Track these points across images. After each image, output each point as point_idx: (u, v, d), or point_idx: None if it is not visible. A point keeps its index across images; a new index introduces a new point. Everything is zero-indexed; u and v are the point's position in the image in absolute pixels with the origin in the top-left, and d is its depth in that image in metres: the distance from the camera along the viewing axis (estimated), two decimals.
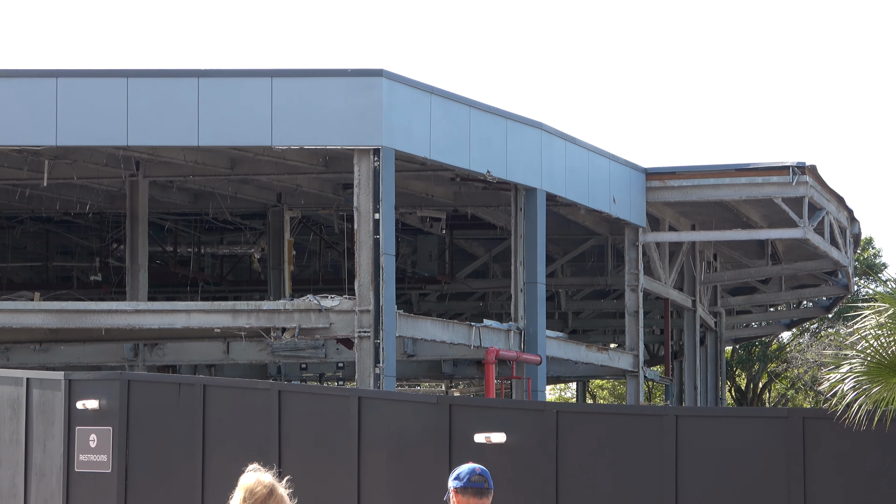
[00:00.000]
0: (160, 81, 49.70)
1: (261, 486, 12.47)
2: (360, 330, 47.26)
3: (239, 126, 48.64)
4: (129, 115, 48.63)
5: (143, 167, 55.92)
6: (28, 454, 31.95)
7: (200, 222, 67.75)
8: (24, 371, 34.48)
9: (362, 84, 48.44)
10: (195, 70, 49.88)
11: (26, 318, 52.34)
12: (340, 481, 26.41)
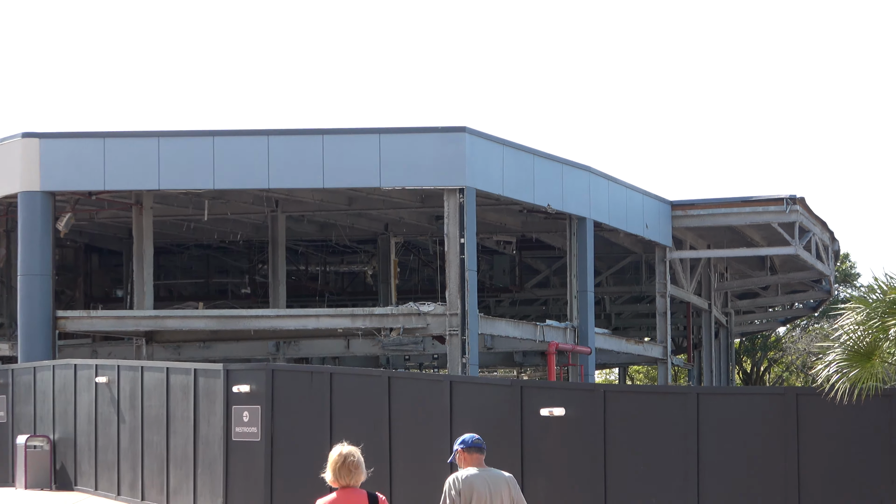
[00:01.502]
0: (293, 138, 50.03)
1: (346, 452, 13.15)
2: (450, 329, 47.46)
3: (355, 172, 48.96)
4: (270, 164, 49.04)
5: (281, 205, 56.36)
6: (196, 427, 32.22)
7: (325, 247, 68.11)
8: (192, 363, 34.81)
9: (450, 138, 48.73)
10: (320, 129, 50.26)
11: (193, 323, 52.81)
12: (436, 447, 26.53)
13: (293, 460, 29.63)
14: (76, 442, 38.55)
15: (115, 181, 50.35)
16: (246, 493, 30.76)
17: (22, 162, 50.81)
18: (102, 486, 36.75)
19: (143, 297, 53.18)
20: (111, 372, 36.73)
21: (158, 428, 33.84)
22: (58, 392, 39.81)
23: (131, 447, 35.17)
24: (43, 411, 40.55)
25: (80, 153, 50.54)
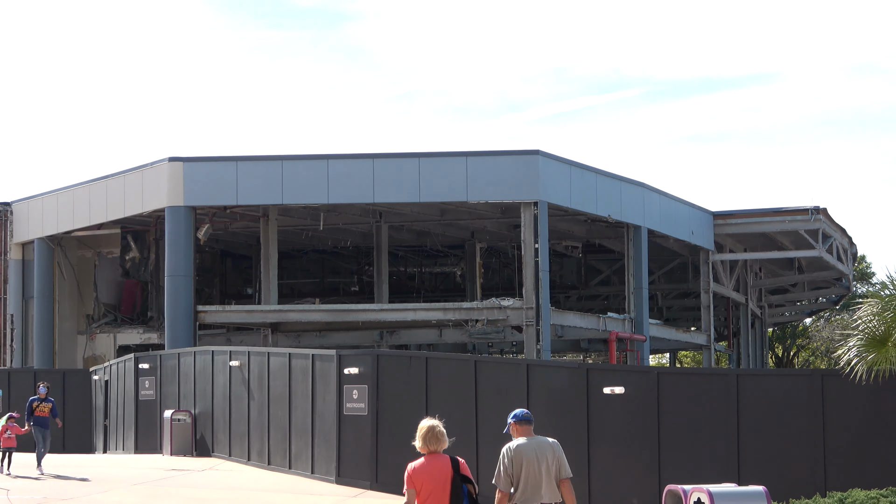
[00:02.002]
0: (394, 160, 50.18)
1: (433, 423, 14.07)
2: (527, 320, 47.33)
3: (446, 188, 48.99)
4: (375, 182, 49.17)
5: (384, 216, 56.48)
6: (313, 403, 32.25)
7: (421, 251, 68.17)
8: (310, 350, 34.84)
9: (526, 160, 48.71)
10: (417, 153, 50.46)
11: (311, 316, 52.99)
12: None
13: (394, 431, 29.59)
14: (213, 416, 38.71)
15: (246, 197, 50.83)
16: (355, 459, 30.74)
17: (168, 181, 51.34)
18: (235, 453, 36.88)
19: (269, 294, 53.47)
20: (242, 357, 36.86)
21: (282, 404, 33.90)
22: (198, 374, 40.01)
23: (259, 420, 35.26)
24: (185, 390, 40.77)
25: (216, 174, 51.03)
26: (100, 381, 48.27)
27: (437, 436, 13.93)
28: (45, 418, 33.69)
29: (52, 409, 33.98)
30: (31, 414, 33.68)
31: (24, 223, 61.51)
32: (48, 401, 33.93)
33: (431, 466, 13.83)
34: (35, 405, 33.76)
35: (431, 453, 13.89)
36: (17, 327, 62.03)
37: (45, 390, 34.02)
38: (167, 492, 29.11)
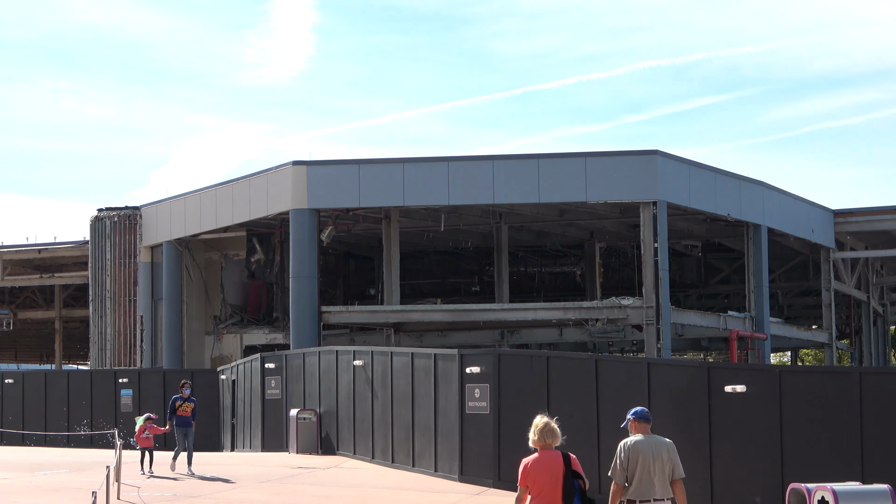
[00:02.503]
0: (514, 161, 50.23)
1: (547, 420, 14.44)
2: (646, 319, 47.06)
3: (565, 189, 48.93)
4: (495, 183, 49.23)
5: (504, 217, 56.50)
6: (436, 402, 32.32)
7: (541, 252, 68.06)
8: (432, 349, 34.94)
9: (644, 160, 48.46)
10: (536, 154, 50.54)
11: (432, 316, 53.21)
12: None
13: (516, 430, 29.54)
14: (338, 414, 38.97)
15: (368, 199, 51.18)
16: (477, 456, 30.76)
17: (292, 185, 51.84)
18: (359, 451, 37.09)
19: (391, 294, 53.72)
20: (366, 356, 37.05)
21: (405, 403, 34.02)
22: (322, 373, 40.30)
23: (383, 419, 35.43)
24: (310, 389, 41.08)
25: (339, 177, 51.43)
26: (227, 381, 48.85)
27: (551, 432, 14.31)
28: (187, 418, 33.44)
29: (195, 409, 33.80)
30: (174, 413, 33.46)
31: (153, 227, 62.48)
32: (191, 400, 33.70)
33: (544, 461, 14.22)
34: (178, 404, 33.51)
35: (545, 449, 14.29)
36: (146, 328, 63.02)
37: (188, 390, 33.81)
38: (293, 489, 29.38)
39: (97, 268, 64.98)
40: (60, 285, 78.17)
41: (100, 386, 52.72)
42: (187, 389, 33.72)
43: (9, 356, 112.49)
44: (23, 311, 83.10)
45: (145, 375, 53.18)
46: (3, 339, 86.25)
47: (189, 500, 27.22)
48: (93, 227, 65.21)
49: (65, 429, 52.11)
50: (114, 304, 64.26)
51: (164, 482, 30.91)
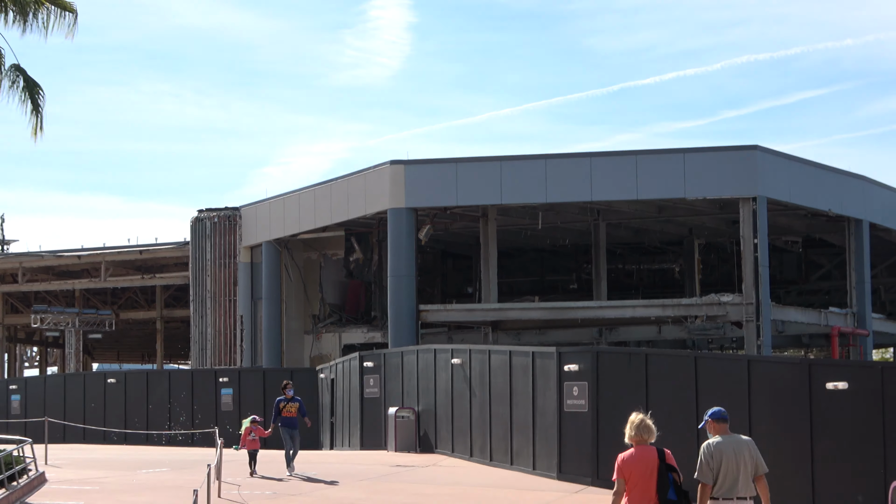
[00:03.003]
0: (611, 158, 50.06)
1: (642, 417, 14.95)
2: (746, 316, 46.66)
3: (663, 185, 48.67)
4: (593, 180, 49.06)
5: (602, 214, 56.31)
6: (534, 400, 32.23)
7: (639, 248, 67.74)
8: (530, 347, 34.88)
9: (743, 155, 48.06)
10: (634, 150, 50.32)
11: (530, 314, 53.20)
12: (737, 413, 25.98)
13: (614, 427, 29.36)
14: (436, 412, 39.02)
15: (466, 198, 51.25)
16: (576, 454, 30.64)
17: (390, 184, 52.04)
18: (458, 450, 37.12)
19: (489, 292, 53.73)
20: (464, 355, 37.07)
21: (503, 401, 33.99)
22: (420, 371, 40.37)
23: (481, 417, 35.42)
24: (409, 387, 41.18)
25: (437, 176, 51.56)
26: (326, 380, 49.13)
27: (646, 428, 14.81)
28: (292, 419, 32.65)
29: (300, 409, 32.96)
30: (279, 414, 32.70)
31: (253, 227, 63.01)
32: (295, 401, 32.88)
33: (640, 456, 14.74)
34: (282, 406, 32.70)
35: (640, 444, 14.81)
36: (246, 328, 63.57)
37: (291, 391, 33.00)
38: (391, 487, 29.47)
39: (198, 268, 65.67)
40: (161, 286, 79.09)
41: (200, 385, 53.25)
42: (290, 390, 33.00)
43: (111, 356, 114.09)
44: (125, 311, 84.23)
45: (245, 375, 53.62)
46: (105, 339, 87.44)
47: (289, 499, 27.41)
48: (193, 228, 65.91)
49: (166, 428, 52.70)
50: (214, 303, 64.90)
51: (265, 481, 31.14)
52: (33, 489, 28.47)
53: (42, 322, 77.79)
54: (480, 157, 52.30)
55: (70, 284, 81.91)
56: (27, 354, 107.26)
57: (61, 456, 39.97)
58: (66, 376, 62.11)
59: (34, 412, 55.88)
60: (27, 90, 33.71)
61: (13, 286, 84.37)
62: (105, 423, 53.92)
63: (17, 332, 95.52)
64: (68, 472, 33.77)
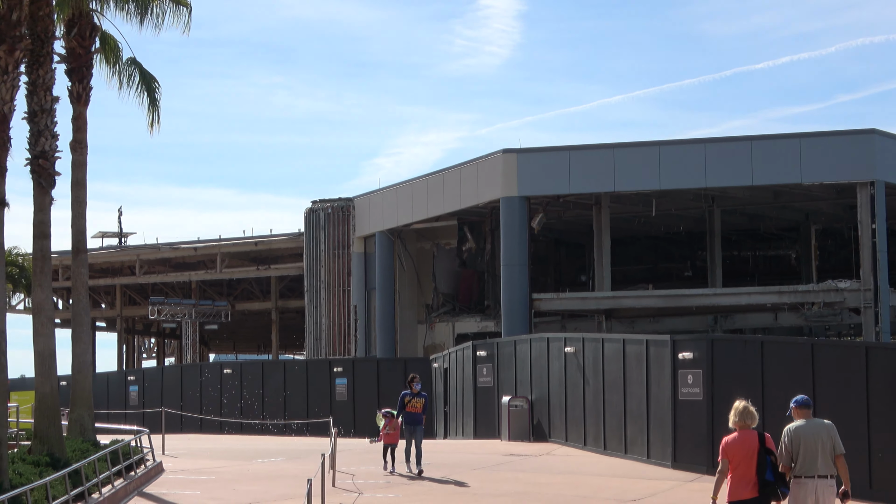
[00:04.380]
0: (725, 144, 49.77)
1: (746, 403, 16.63)
2: (864, 302, 46.03)
3: (778, 171, 48.15)
4: (707, 167, 48.69)
5: (716, 201, 55.78)
6: (648, 389, 32.03)
7: (754, 235, 67.02)
8: (644, 335, 34.70)
9: (860, 139, 47.43)
10: (748, 136, 50.00)
11: (644, 302, 52.95)
12: (854, 401, 25.64)
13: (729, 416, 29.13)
14: (549, 401, 38.95)
15: (579, 186, 51.15)
16: (691, 443, 30.42)
17: (502, 173, 52.10)
18: (571, 439, 37.02)
19: (602, 281, 53.55)
20: (577, 343, 36.96)
21: (616, 390, 33.83)
22: (534, 360, 40.32)
23: (594, 406, 35.29)
24: (522, 376, 41.15)
25: (549, 164, 51.52)
26: (439, 369, 49.27)
27: (749, 414, 16.41)
28: (417, 414, 30.77)
29: (425, 406, 31.15)
30: (403, 409, 30.80)
31: (366, 217, 63.39)
32: (421, 396, 31.07)
33: (742, 440, 16.26)
34: (407, 400, 30.83)
35: (742, 429, 16.34)
36: (360, 318, 63.99)
37: (418, 385, 31.23)
38: (505, 476, 29.49)
39: (312, 259, 66.22)
40: (276, 276, 79.86)
41: (315, 375, 53.65)
42: (417, 384, 31.25)
43: (227, 347, 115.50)
44: (240, 302, 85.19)
45: (359, 364, 53.93)
46: (221, 330, 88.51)
47: (402, 487, 27.54)
48: (307, 219, 66.48)
49: (281, 417, 53.20)
50: (328, 294, 65.42)
51: (379, 471, 31.30)
52: (150, 479, 28.92)
53: (159, 313, 78.99)
54: (593, 144, 52.18)
55: (186, 276, 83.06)
56: (145, 345, 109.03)
57: (178, 446, 40.54)
58: (182, 367, 63.00)
59: (151, 403, 56.75)
60: (144, 84, 34.26)
61: (131, 278, 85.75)
62: (221, 413, 54.59)
63: (135, 323, 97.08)
64: (185, 462, 34.24)
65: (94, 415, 33.43)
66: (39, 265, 28.20)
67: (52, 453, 26.28)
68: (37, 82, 27.87)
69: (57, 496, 20.66)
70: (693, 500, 24.86)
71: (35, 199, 28.33)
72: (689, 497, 25.49)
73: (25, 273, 61.03)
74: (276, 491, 26.73)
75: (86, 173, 32.12)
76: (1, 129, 23.37)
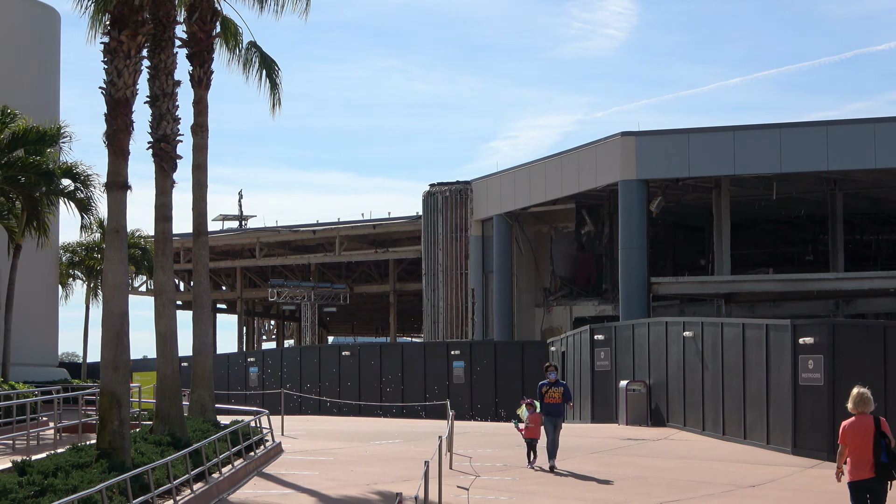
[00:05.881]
0: (848, 126, 49.13)
1: (863, 390, 17.59)
2: None
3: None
4: (829, 149, 48.09)
5: (838, 184, 55.04)
6: (768, 374, 31.69)
7: (878, 218, 65.93)
8: (764, 320, 34.40)
9: None
10: (871, 118, 49.36)
11: (764, 286, 52.46)
12: None
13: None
14: (667, 386, 38.74)
15: (698, 169, 50.82)
16: (811, 429, 30.07)
17: (621, 156, 51.93)
18: (689, 423, 36.78)
19: (721, 264, 53.11)
20: (696, 328, 36.70)
21: (735, 374, 33.53)
22: (652, 345, 40.13)
23: (713, 391, 35.02)
24: (640, 361, 40.97)
25: (668, 147, 51.23)
26: (557, 353, 49.20)
27: (865, 401, 17.39)
28: (556, 405, 28.55)
29: (565, 394, 28.74)
30: (541, 400, 28.66)
31: (483, 201, 63.46)
32: (559, 385, 28.76)
33: (859, 424, 17.29)
34: (544, 390, 28.58)
35: (859, 414, 17.37)
36: (477, 301, 64.12)
37: (554, 375, 28.85)
38: (622, 461, 29.39)
39: (429, 242, 66.46)
40: (394, 259, 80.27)
41: (432, 358, 53.88)
42: (553, 373, 28.93)
43: (346, 329, 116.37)
44: (358, 285, 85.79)
45: (477, 347, 54.02)
46: (340, 312, 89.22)
47: (519, 471, 27.57)
48: (425, 202, 66.72)
49: (399, 400, 53.50)
50: (446, 277, 65.63)
51: (495, 453, 31.34)
52: (270, 459, 29.25)
53: (279, 296, 79.84)
54: (713, 126, 51.72)
55: (305, 259, 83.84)
56: (264, 327, 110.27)
57: (296, 427, 40.94)
58: (301, 349, 63.61)
59: (271, 384, 57.42)
60: (264, 67, 34.64)
61: (251, 261, 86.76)
62: (339, 394, 55.03)
63: (255, 305, 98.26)
64: (303, 443, 34.57)
65: (215, 395, 33.89)
66: (161, 247, 28.61)
67: (173, 433, 26.68)
68: (158, 67, 28.22)
69: (178, 475, 20.97)
70: (813, 487, 24.59)
71: (157, 182, 28.73)
72: (809, 483, 25.21)
73: (147, 255, 62.22)
74: (394, 472, 26.89)
75: (206, 157, 32.51)
76: (124, 113, 23.71)
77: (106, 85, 23.85)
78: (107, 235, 23.40)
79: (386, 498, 22.69)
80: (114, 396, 22.67)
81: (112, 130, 23.64)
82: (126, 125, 23.69)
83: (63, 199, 45.45)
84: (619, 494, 23.61)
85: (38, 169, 42.04)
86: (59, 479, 18.89)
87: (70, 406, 39.87)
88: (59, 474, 19.52)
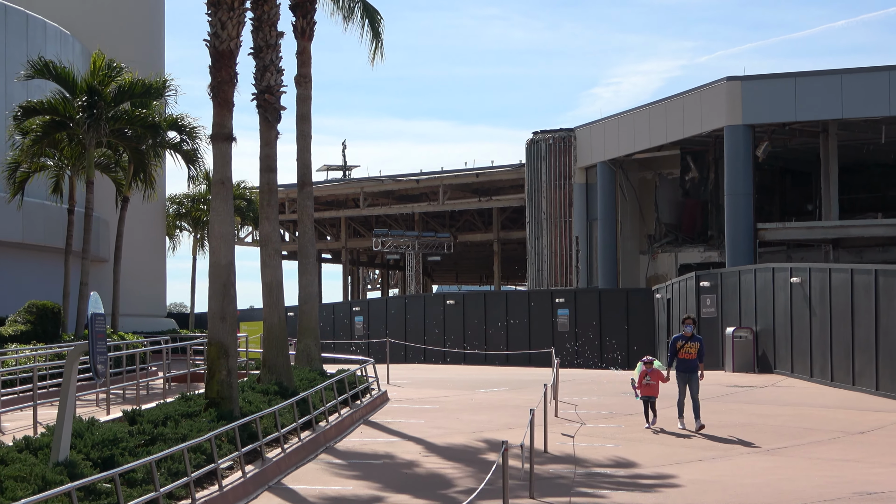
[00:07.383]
0: None
1: None
2: None
3: None
4: None
5: None
6: (877, 319, 31.26)
7: None
8: (873, 265, 33.86)
9: None
10: None
11: (872, 231, 51.83)
12: None
13: None
14: (774, 333, 38.46)
15: (805, 113, 50.25)
16: None
17: (726, 101, 51.49)
18: (797, 370, 36.52)
19: (829, 210, 52.51)
20: (803, 274, 36.36)
21: (844, 320, 33.20)
22: (758, 291, 39.84)
23: (821, 337, 34.72)
24: (746, 307, 40.70)
25: (774, 91, 50.65)
26: (662, 300, 49.01)
27: None
28: (692, 361, 25.90)
29: (700, 351, 26.11)
30: (674, 356, 26.14)
31: (587, 148, 63.24)
32: (696, 340, 26.09)
33: None
34: (679, 345, 26.08)
35: None
36: (581, 248, 64.03)
37: (690, 328, 26.12)
38: (729, 407, 29.25)
39: (533, 190, 66.39)
40: (498, 208, 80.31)
41: (537, 306, 53.91)
42: (689, 327, 26.21)
43: (450, 278, 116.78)
44: (462, 233, 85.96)
45: (581, 295, 53.96)
46: (444, 261, 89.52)
47: (625, 418, 27.56)
48: (528, 150, 66.61)
49: (503, 347, 53.65)
50: (549, 225, 65.57)
51: (602, 401, 31.34)
52: (376, 408, 29.50)
53: (383, 245, 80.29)
54: (820, 70, 51.06)
55: (409, 208, 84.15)
56: (369, 277, 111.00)
57: (402, 375, 41.24)
58: (406, 298, 63.97)
59: (376, 333, 57.83)
60: (367, 16, 34.69)
61: (355, 210, 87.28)
62: (443, 343, 55.31)
63: (360, 255, 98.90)
64: (408, 391, 34.82)
65: (321, 345, 34.20)
66: (266, 198, 28.84)
67: (280, 382, 26.98)
68: (262, 18, 28.36)
69: (285, 424, 21.24)
70: None
71: (261, 133, 28.94)
72: None
73: (253, 206, 62.77)
74: (499, 420, 26.99)
75: (310, 107, 32.67)
76: (228, 65, 23.88)
77: (210, 37, 24.03)
78: (213, 187, 23.62)
79: (492, 446, 22.78)
80: (221, 346, 22.95)
81: (216, 82, 23.83)
82: (230, 77, 23.87)
83: (169, 151, 45.95)
84: (727, 441, 23.53)
85: (144, 122, 42.53)
86: (169, 428, 19.20)
87: (178, 356, 40.48)
88: (169, 423, 19.84)
